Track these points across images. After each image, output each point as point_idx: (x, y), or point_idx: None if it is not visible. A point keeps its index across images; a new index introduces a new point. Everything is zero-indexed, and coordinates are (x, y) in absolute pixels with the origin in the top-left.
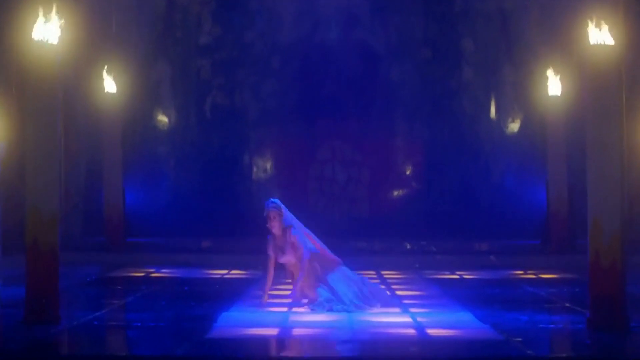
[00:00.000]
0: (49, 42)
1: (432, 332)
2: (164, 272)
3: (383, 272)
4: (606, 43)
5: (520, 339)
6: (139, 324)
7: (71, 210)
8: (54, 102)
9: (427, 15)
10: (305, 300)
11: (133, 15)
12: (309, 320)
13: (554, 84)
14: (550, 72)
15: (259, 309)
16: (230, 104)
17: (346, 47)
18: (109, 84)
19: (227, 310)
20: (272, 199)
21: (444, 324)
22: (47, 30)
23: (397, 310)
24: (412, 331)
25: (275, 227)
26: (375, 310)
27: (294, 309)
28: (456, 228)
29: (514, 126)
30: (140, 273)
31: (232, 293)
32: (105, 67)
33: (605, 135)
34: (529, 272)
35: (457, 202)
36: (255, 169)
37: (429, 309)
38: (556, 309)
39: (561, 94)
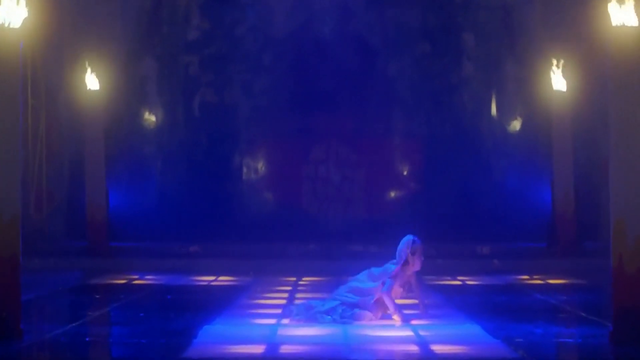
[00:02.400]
0: (10, 25)
1: (436, 348)
2: (148, 279)
3: None
4: (630, 24)
5: (537, 357)
6: (110, 340)
7: (53, 213)
8: (14, 92)
9: (426, 8)
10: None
11: (117, 9)
12: (300, 334)
13: (559, 79)
14: (554, 66)
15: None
16: (219, 101)
17: (341, 41)
18: (92, 81)
19: (210, 323)
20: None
21: (450, 338)
22: (10, 13)
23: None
24: (414, 348)
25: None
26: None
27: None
28: (457, 230)
29: (517, 123)
30: (122, 280)
31: (218, 302)
32: (88, 63)
33: (631, 128)
34: (535, 277)
35: (458, 203)
36: (245, 170)
37: (432, 321)
38: (571, 320)
39: (567, 89)
